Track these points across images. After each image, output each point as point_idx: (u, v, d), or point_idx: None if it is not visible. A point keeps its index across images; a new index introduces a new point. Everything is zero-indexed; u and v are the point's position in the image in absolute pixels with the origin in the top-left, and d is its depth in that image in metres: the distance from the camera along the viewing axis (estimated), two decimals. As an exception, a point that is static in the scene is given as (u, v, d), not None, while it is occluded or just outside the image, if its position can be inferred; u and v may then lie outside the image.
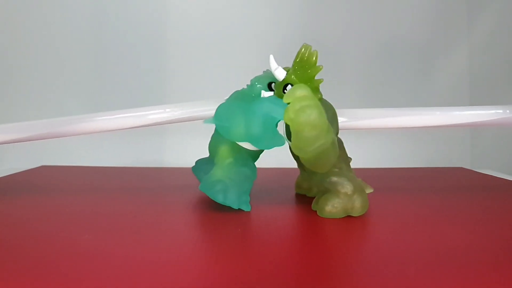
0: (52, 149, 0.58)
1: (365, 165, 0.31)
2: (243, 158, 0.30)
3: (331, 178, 0.29)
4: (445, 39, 0.63)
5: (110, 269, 0.19)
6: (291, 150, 0.31)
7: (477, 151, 0.63)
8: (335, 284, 0.18)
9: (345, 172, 0.29)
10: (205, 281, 0.18)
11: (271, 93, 0.31)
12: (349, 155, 0.31)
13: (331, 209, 0.28)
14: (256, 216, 0.29)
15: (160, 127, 0.36)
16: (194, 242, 0.23)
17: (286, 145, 0.30)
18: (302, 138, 0.26)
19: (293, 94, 0.27)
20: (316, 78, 0.29)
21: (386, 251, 0.22)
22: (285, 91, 0.29)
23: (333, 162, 0.28)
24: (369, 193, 0.30)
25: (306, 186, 0.35)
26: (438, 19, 0.63)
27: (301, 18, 0.62)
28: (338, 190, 0.28)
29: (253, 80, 0.32)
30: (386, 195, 0.35)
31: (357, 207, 0.28)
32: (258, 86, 0.31)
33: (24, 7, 0.60)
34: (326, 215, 0.28)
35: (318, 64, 0.29)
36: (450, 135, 0.62)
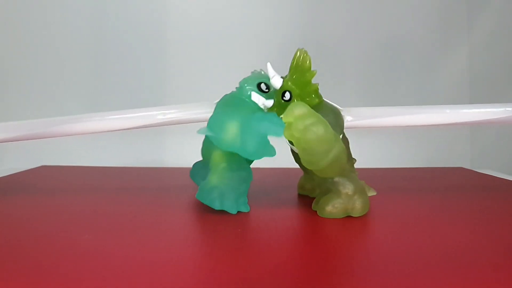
0: (52, 149, 0.58)
1: (365, 165, 0.31)
2: (237, 161, 0.30)
3: (334, 178, 0.29)
4: (445, 39, 0.63)
5: (110, 269, 0.19)
6: (293, 152, 0.31)
7: (477, 151, 0.63)
8: (335, 284, 0.18)
9: (348, 172, 0.29)
10: (205, 281, 0.18)
11: (261, 97, 0.30)
12: None
13: (332, 209, 0.28)
14: (256, 216, 0.29)
15: (160, 127, 0.36)
16: (194, 242, 0.23)
17: (287, 145, 0.30)
18: (313, 154, 0.26)
19: (292, 113, 0.27)
20: (313, 81, 0.29)
21: (386, 251, 0.22)
22: (283, 98, 0.29)
23: (344, 165, 0.28)
24: (372, 196, 0.30)
25: (309, 187, 0.35)
26: (438, 19, 0.63)
27: (301, 18, 0.62)
28: (339, 190, 0.28)
29: (242, 82, 0.31)
30: (386, 195, 0.35)
31: (357, 208, 0.28)
32: (247, 87, 0.30)
33: (24, 7, 0.59)
34: (326, 215, 0.28)
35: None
36: (450, 135, 0.62)
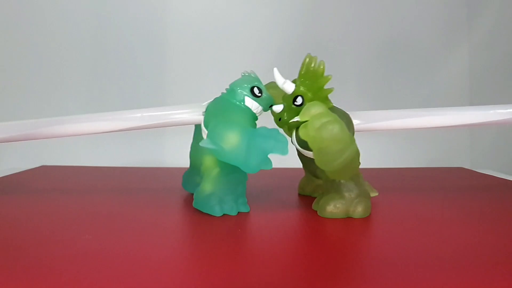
0: (52, 149, 0.58)
1: (365, 165, 0.31)
2: (230, 164, 0.28)
3: (341, 180, 0.29)
4: (445, 39, 0.63)
5: (110, 269, 0.19)
6: (300, 156, 0.31)
7: (477, 151, 0.63)
8: (336, 284, 0.18)
9: (354, 176, 0.29)
10: (205, 281, 0.18)
11: (254, 102, 0.30)
12: None
13: (333, 209, 0.28)
14: (256, 216, 0.29)
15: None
16: (195, 242, 0.23)
17: (294, 148, 0.30)
18: (328, 153, 0.26)
19: (309, 112, 0.27)
20: (325, 87, 0.29)
21: (386, 251, 0.22)
22: (295, 103, 0.29)
23: (357, 168, 0.28)
24: (373, 196, 0.30)
25: (309, 189, 0.35)
26: (438, 19, 0.63)
27: (301, 19, 0.62)
28: (343, 192, 0.28)
29: (233, 85, 0.30)
30: (386, 195, 0.35)
31: (358, 211, 0.28)
32: (239, 91, 0.30)
33: (24, 8, 0.59)
34: (327, 215, 0.28)
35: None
36: (450, 135, 0.62)
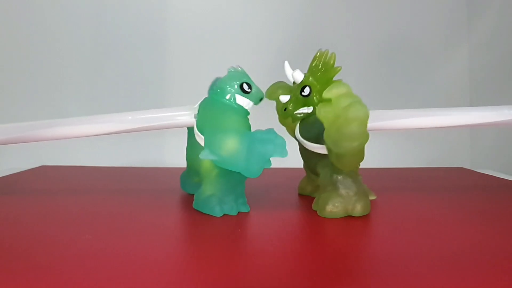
0: (52, 149, 0.57)
1: (365, 165, 0.31)
2: None
3: (338, 175, 0.29)
4: (445, 39, 0.63)
5: (110, 269, 0.19)
6: (300, 147, 0.31)
7: (477, 151, 0.63)
8: (336, 284, 0.18)
9: (352, 174, 0.29)
10: (205, 281, 0.18)
11: (245, 99, 0.29)
12: None
13: (332, 208, 0.28)
14: (256, 216, 0.29)
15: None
16: (195, 242, 0.23)
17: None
18: (347, 133, 0.25)
19: (337, 91, 0.27)
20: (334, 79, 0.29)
21: (386, 251, 0.22)
22: (302, 93, 0.29)
23: (359, 164, 0.28)
24: (372, 199, 0.30)
25: (310, 189, 0.35)
26: (438, 19, 0.63)
27: (301, 20, 0.62)
28: (340, 190, 0.28)
29: (221, 83, 0.30)
30: (386, 195, 0.35)
31: (358, 209, 0.28)
32: (229, 89, 0.29)
33: (24, 8, 0.59)
34: (327, 215, 0.28)
35: None
36: (450, 135, 0.62)
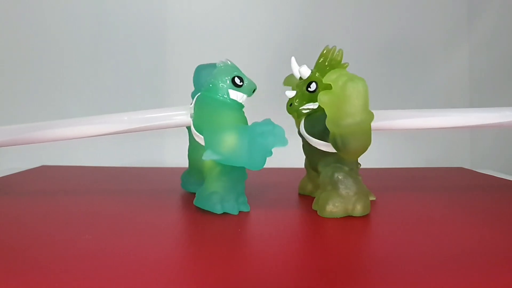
0: (52, 149, 0.57)
1: (365, 165, 0.31)
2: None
3: (339, 175, 0.28)
4: (445, 39, 0.63)
5: (110, 269, 0.19)
6: (303, 143, 0.31)
7: (477, 151, 0.63)
8: (336, 284, 0.18)
9: (353, 174, 0.29)
10: (205, 280, 0.18)
11: (238, 93, 0.29)
12: None
13: (332, 208, 0.28)
14: (256, 216, 0.29)
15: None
16: (195, 242, 0.23)
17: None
18: (348, 109, 0.25)
19: (330, 77, 0.26)
20: None
21: (386, 251, 0.22)
22: (308, 89, 0.29)
23: (365, 149, 0.27)
24: (371, 200, 0.30)
25: (310, 188, 0.35)
26: (438, 19, 0.63)
27: (301, 20, 0.62)
28: (341, 190, 0.28)
29: (212, 80, 0.30)
30: (386, 195, 0.35)
31: (358, 209, 0.28)
32: (221, 85, 0.29)
33: (24, 9, 0.59)
34: (327, 215, 0.28)
35: None
36: (450, 135, 0.62)
